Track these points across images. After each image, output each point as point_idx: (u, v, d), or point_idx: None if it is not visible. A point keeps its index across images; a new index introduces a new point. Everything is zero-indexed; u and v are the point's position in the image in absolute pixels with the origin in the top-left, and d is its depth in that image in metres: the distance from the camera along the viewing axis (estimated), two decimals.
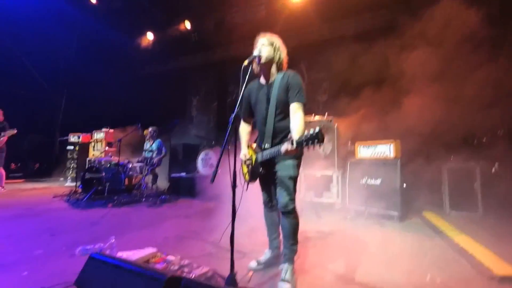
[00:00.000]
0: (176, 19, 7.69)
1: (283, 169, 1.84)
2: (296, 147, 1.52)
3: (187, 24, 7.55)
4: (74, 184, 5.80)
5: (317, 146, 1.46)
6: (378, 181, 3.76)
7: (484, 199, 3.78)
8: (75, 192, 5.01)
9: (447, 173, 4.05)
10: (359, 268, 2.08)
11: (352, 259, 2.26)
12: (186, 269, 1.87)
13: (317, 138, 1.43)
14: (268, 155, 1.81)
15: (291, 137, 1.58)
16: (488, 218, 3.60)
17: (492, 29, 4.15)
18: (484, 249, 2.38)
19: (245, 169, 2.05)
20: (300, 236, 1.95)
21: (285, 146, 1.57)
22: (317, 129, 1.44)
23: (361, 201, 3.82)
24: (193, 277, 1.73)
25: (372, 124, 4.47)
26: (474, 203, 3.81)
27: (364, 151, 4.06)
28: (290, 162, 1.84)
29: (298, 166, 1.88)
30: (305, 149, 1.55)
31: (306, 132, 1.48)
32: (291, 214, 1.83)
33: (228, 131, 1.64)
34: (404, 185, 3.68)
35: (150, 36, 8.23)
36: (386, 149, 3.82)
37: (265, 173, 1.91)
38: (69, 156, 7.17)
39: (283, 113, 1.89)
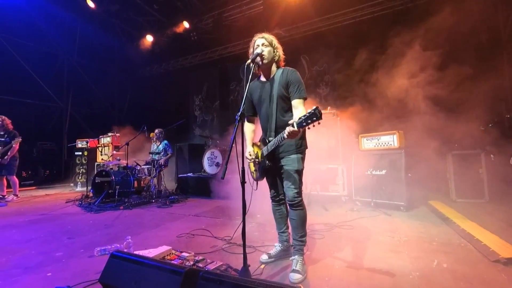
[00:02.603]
0: (174, 20, 7.73)
1: (289, 163, 1.90)
2: (298, 127, 1.57)
3: (186, 24, 7.59)
4: (84, 188, 5.95)
5: (316, 124, 1.52)
6: (383, 172, 3.80)
7: (490, 186, 3.79)
8: (87, 196, 5.15)
9: (452, 160, 4.07)
10: (367, 255, 2.14)
11: (360, 248, 2.32)
12: (200, 264, 1.95)
13: (315, 116, 1.50)
14: (273, 145, 1.87)
15: (291, 122, 1.62)
16: (494, 204, 3.61)
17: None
18: (490, 234, 2.41)
19: (253, 167, 2.11)
20: (308, 229, 2.02)
21: (288, 130, 1.61)
22: (313, 107, 1.51)
23: (367, 192, 3.87)
24: None
25: (375, 116, 4.48)
26: (480, 190, 3.83)
27: (368, 143, 4.09)
28: (295, 156, 1.91)
29: (303, 160, 1.95)
30: (306, 129, 1.60)
31: (304, 113, 1.55)
32: (299, 206, 1.91)
33: (235, 129, 1.69)
34: (409, 174, 3.71)
35: (149, 38, 8.29)
36: (389, 140, 3.85)
37: (272, 167, 1.97)
38: (77, 161, 7.33)
39: (285, 108, 1.95)
